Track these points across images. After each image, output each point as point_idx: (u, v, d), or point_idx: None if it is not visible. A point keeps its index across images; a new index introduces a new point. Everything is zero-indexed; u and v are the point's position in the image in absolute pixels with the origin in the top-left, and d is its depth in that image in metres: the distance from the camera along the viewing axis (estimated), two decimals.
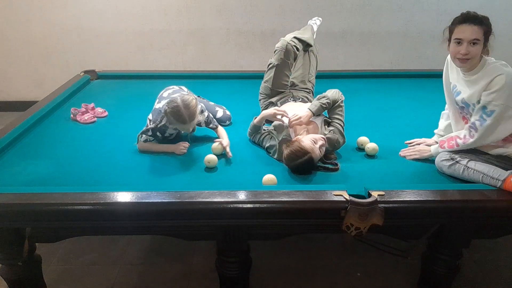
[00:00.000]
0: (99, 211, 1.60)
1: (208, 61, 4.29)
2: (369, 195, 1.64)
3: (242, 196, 1.64)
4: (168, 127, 2.21)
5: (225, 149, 2.12)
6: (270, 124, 2.32)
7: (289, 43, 2.60)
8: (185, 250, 2.42)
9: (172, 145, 2.21)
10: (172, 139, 2.31)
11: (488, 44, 1.80)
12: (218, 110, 2.58)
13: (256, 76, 2.97)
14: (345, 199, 1.60)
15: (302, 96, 2.62)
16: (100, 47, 4.23)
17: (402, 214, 1.65)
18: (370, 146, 2.15)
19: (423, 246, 1.93)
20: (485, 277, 2.24)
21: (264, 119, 2.27)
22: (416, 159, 2.08)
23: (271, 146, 2.17)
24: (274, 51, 2.62)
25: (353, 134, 2.27)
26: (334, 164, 2.03)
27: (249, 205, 1.61)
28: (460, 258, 1.87)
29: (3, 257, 1.81)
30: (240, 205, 1.60)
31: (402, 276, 2.24)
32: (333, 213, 1.61)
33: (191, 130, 2.22)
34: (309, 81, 2.77)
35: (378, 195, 1.62)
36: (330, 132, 2.17)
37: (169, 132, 2.26)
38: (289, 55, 2.60)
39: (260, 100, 2.68)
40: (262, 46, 4.20)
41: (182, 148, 2.17)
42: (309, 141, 1.96)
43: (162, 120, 2.16)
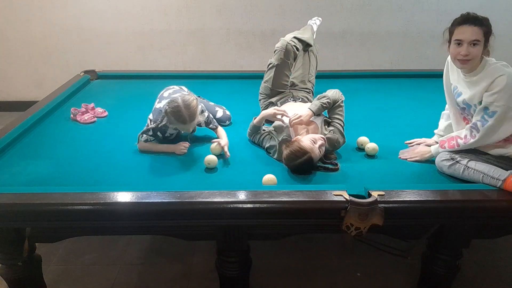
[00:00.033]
0: (99, 211, 1.61)
1: (208, 61, 4.29)
2: (369, 195, 1.64)
3: (242, 196, 1.64)
4: (168, 127, 2.21)
5: (223, 148, 2.12)
6: (270, 124, 2.32)
7: (289, 43, 2.60)
8: (185, 250, 2.42)
9: (172, 145, 2.21)
10: (172, 139, 2.31)
11: (488, 45, 1.80)
12: (218, 110, 2.58)
13: (256, 76, 2.97)
14: (345, 199, 1.60)
15: (302, 96, 2.62)
16: (100, 47, 4.23)
17: (402, 214, 1.65)
18: (370, 146, 2.15)
19: (423, 246, 1.93)
20: (485, 277, 2.24)
21: (264, 119, 2.27)
22: (417, 160, 2.08)
23: (271, 147, 2.17)
24: (274, 51, 2.62)
25: (353, 134, 2.27)
26: (334, 164, 2.03)
27: (249, 205, 1.61)
28: (460, 258, 1.87)
29: (3, 257, 1.81)
30: (240, 205, 1.60)
31: (402, 276, 2.24)
32: (333, 213, 1.61)
33: (191, 130, 2.22)
34: (309, 81, 2.77)
35: (378, 195, 1.62)
36: (330, 132, 2.17)
37: (169, 132, 2.26)
38: (289, 55, 2.60)
39: (260, 100, 2.68)
40: (262, 46, 4.19)
41: (182, 148, 2.17)
42: (309, 141, 1.96)
43: (163, 120, 2.16)
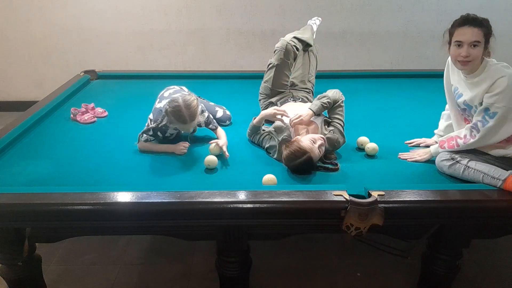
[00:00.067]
0: (99, 211, 1.60)
1: (208, 61, 4.29)
2: (369, 195, 1.64)
3: (242, 196, 1.64)
4: (168, 127, 2.21)
5: (221, 148, 2.12)
6: (270, 124, 2.32)
7: (289, 43, 2.60)
8: (185, 250, 2.42)
9: (172, 145, 2.21)
10: (172, 139, 2.30)
11: (488, 46, 1.80)
12: (218, 110, 2.58)
13: (256, 76, 2.97)
14: (345, 199, 1.60)
15: (302, 96, 2.62)
16: (100, 47, 4.23)
17: (402, 214, 1.65)
18: (370, 146, 2.15)
19: (423, 246, 1.93)
20: (485, 277, 2.24)
21: (263, 119, 2.27)
22: (416, 160, 2.08)
23: (271, 147, 2.17)
24: (274, 51, 2.62)
25: (353, 134, 2.27)
26: (334, 164, 2.03)
27: (249, 205, 1.61)
28: (460, 258, 1.87)
29: (3, 257, 1.81)
30: (240, 205, 1.60)
31: (402, 276, 2.24)
32: (333, 213, 1.61)
33: (191, 130, 2.22)
34: (309, 81, 2.77)
35: (378, 195, 1.62)
36: (330, 132, 2.17)
37: (169, 132, 2.26)
38: (289, 55, 2.59)
39: (260, 100, 2.68)
40: (262, 46, 4.19)
41: (182, 148, 2.17)
42: (308, 141, 1.96)
43: (163, 120, 2.16)
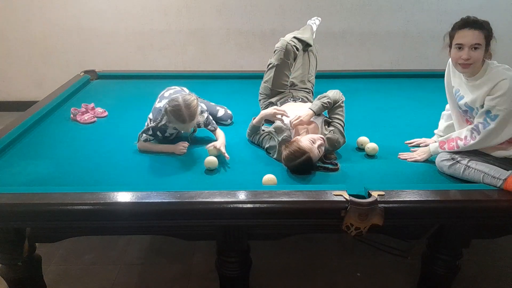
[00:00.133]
0: (99, 211, 1.60)
1: (208, 61, 4.29)
2: (369, 195, 1.64)
3: (242, 196, 1.64)
4: (168, 126, 2.21)
5: (220, 150, 2.10)
6: (269, 124, 2.32)
7: (288, 43, 2.60)
8: (185, 250, 2.42)
9: (171, 145, 2.21)
10: (172, 139, 2.30)
11: (489, 48, 1.79)
12: (219, 109, 2.58)
13: (256, 76, 2.97)
14: (345, 199, 1.60)
15: (302, 96, 2.62)
16: (100, 47, 4.23)
17: (402, 214, 1.65)
18: (370, 146, 2.15)
19: (423, 246, 1.93)
20: (485, 277, 2.24)
21: (263, 119, 2.27)
22: (416, 160, 2.08)
23: (271, 147, 2.17)
24: (274, 51, 2.62)
25: (353, 134, 2.27)
26: (334, 164, 2.03)
27: (249, 205, 1.61)
28: (460, 258, 1.87)
29: (3, 257, 1.81)
30: (240, 205, 1.60)
31: (402, 276, 2.24)
32: (333, 213, 1.61)
33: (190, 130, 2.22)
34: (308, 81, 2.77)
35: (378, 195, 1.62)
36: (330, 132, 2.16)
37: (169, 132, 2.26)
38: (288, 55, 2.60)
39: (260, 100, 2.68)
40: (262, 46, 4.19)
41: (182, 148, 2.17)
42: (308, 141, 1.96)
43: (163, 119, 2.16)
